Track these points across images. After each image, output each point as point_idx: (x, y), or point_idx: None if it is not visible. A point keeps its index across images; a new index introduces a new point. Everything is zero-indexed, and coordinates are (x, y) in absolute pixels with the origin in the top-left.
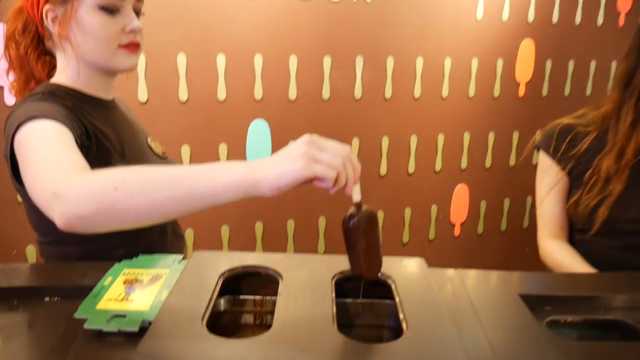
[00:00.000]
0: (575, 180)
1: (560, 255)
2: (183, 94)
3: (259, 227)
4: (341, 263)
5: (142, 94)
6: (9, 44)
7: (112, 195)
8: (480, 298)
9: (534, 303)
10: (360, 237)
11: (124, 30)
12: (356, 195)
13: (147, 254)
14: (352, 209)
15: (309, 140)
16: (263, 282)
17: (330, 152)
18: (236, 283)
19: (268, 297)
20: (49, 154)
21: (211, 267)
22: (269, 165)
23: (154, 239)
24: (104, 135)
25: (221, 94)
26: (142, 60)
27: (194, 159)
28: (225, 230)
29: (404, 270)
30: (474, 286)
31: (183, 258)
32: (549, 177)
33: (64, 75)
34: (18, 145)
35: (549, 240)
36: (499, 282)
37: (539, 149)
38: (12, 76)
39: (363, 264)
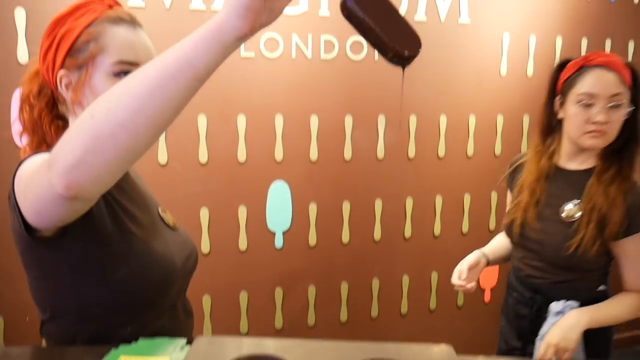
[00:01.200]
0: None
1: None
2: (203, 156)
3: (278, 293)
4: (359, 351)
5: (162, 156)
6: (24, 107)
7: (91, 124)
8: None
9: None
10: (370, 10)
11: None
12: None
13: (150, 337)
14: None
15: None
16: None
17: None
18: None
19: None
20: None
21: (214, 356)
22: (224, 3)
23: (164, 316)
24: (114, 201)
25: (241, 155)
26: None
27: (212, 222)
28: (243, 296)
29: None
30: None
31: (188, 342)
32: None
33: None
34: (16, 185)
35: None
36: None
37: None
38: (25, 139)
39: (392, 41)
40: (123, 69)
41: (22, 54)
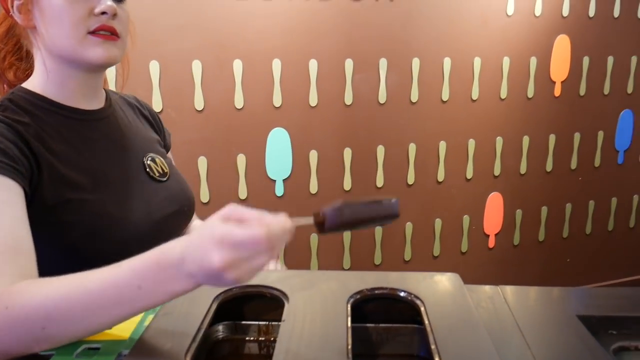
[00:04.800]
0: None
1: None
2: (199, 103)
3: None
4: (359, 280)
5: (157, 104)
6: None
7: (42, 334)
8: (529, 321)
9: (596, 326)
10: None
11: (92, 12)
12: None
13: None
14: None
15: (219, 239)
16: (268, 304)
17: (248, 250)
18: (237, 306)
19: (275, 323)
20: None
21: (205, 288)
22: (195, 281)
23: None
24: (64, 161)
25: (238, 101)
26: (156, 68)
27: (211, 171)
28: None
29: (434, 288)
30: (520, 306)
31: None
32: None
33: (36, 77)
34: None
35: None
36: (550, 300)
37: None
38: None
39: (383, 215)
40: None
41: None
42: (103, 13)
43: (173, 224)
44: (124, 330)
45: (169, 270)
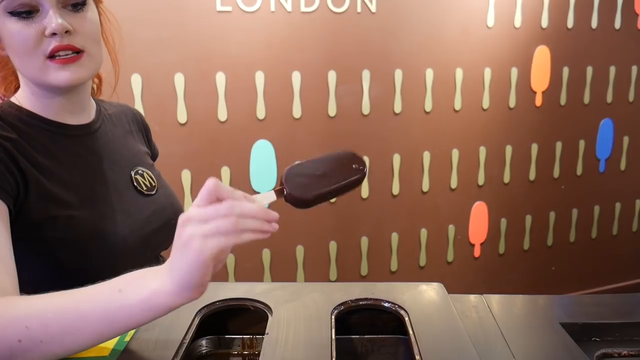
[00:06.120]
0: None
1: None
2: (182, 116)
3: (266, 254)
4: (343, 292)
5: None
6: None
7: (18, 347)
8: (513, 330)
9: (579, 333)
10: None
11: (44, 34)
12: (266, 200)
13: None
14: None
15: (187, 217)
16: (252, 317)
17: (215, 216)
18: (221, 320)
19: (259, 336)
20: None
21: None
22: (172, 273)
23: None
24: (50, 177)
25: (222, 114)
26: (138, 81)
27: (195, 184)
28: (230, 260)
29: (419, 298)
30: (504, 315)
31: None
32: None
33: (22, 93)
34: None
35: None
36: (534, 308)
37: None
38: None
39: (350, 179)
40: (16, 4)
41: None
42: (53, 34)
43: (161, 237)
44: (105, 346)
45: (150, 271)
